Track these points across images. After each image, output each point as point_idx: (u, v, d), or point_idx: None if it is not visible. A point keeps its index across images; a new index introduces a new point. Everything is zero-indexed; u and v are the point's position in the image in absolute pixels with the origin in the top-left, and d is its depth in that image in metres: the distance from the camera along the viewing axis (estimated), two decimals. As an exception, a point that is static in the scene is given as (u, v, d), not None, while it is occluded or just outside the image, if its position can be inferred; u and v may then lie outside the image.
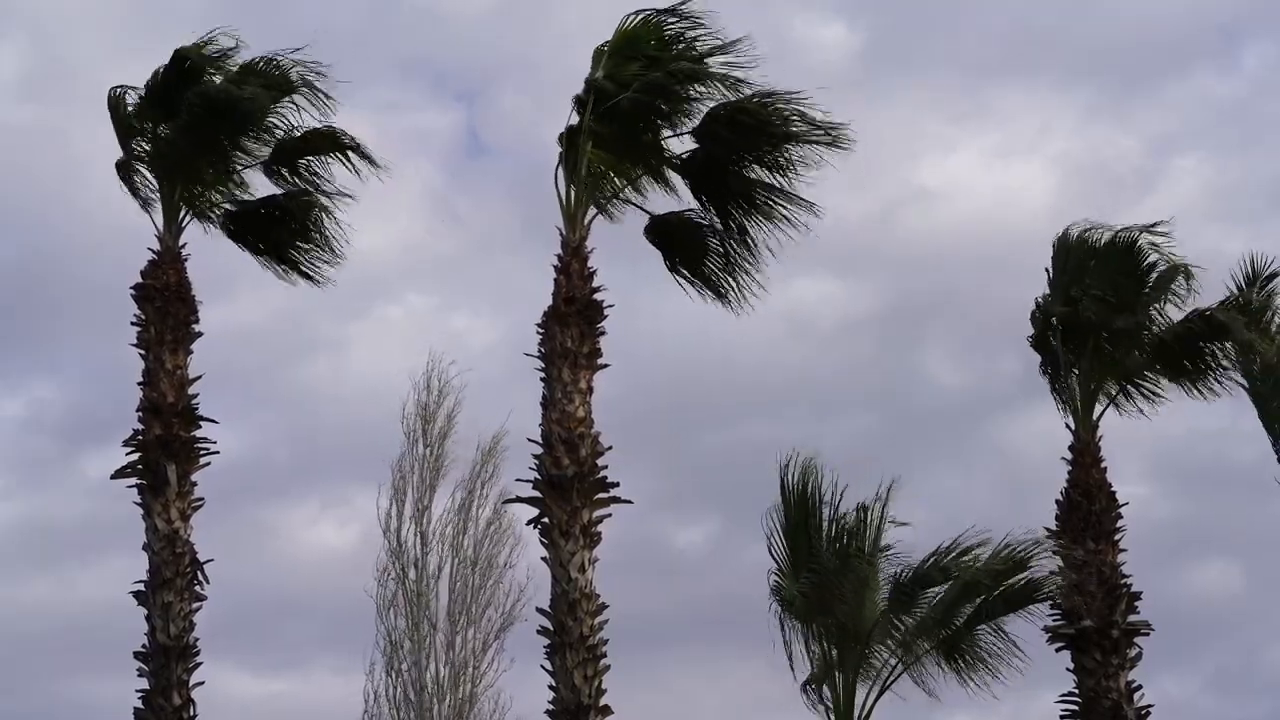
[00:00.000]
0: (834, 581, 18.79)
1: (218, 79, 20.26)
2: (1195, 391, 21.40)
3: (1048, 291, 21.44)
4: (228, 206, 21.17)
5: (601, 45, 19.88)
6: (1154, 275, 21.24)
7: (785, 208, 20.14)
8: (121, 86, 20.44)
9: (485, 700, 30.21)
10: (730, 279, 20.73)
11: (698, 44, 19.71)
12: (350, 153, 20.63)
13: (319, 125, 20.60)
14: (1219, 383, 21.35)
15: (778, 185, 20.12)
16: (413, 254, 43.61)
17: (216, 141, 20.48)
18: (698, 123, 19.91)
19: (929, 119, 46.37)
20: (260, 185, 21.19)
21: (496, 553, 31.14)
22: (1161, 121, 48.08)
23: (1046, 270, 21.51)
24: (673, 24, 19.74)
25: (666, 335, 36.45)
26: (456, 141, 50.00)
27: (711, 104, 19.73)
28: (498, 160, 48.84)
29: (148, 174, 20.56)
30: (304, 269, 21.44)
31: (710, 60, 19.64)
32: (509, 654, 30.46)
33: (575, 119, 19.74)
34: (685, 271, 20.82)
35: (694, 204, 20.54)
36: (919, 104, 46.68)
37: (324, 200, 20.97)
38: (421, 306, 44.16)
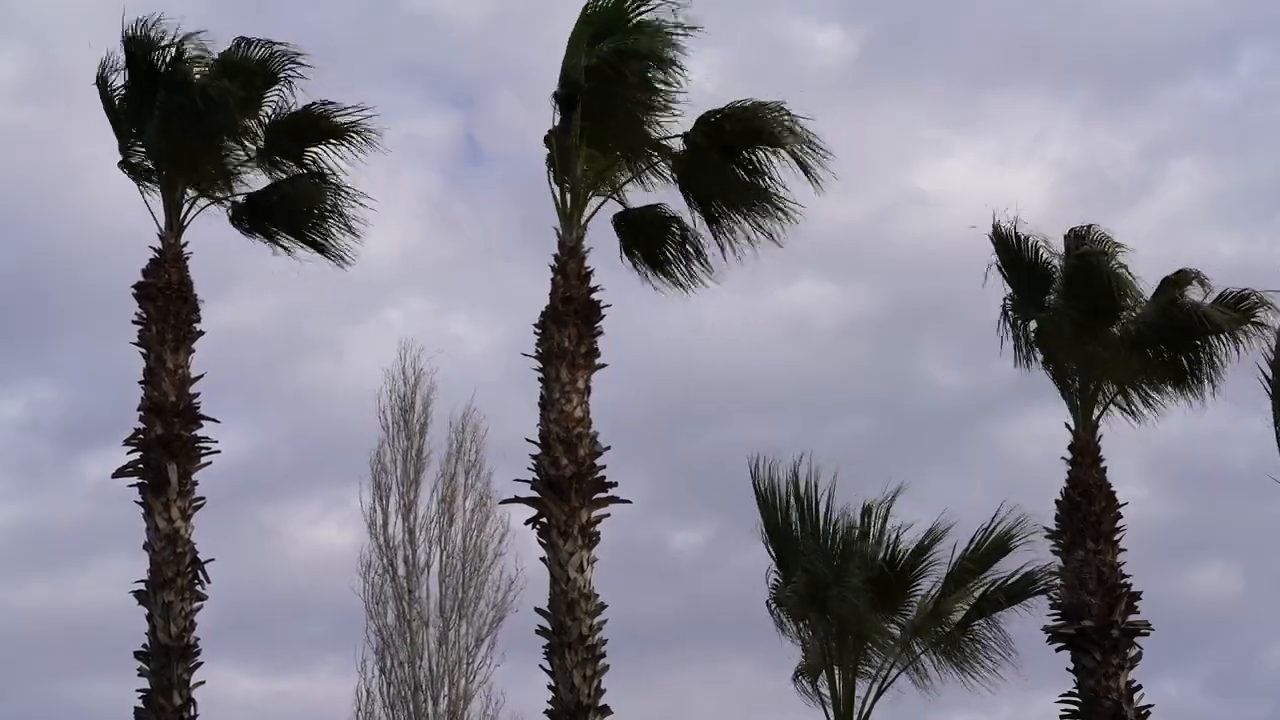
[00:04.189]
0: (832, 580, 18.81)
1: (195, 70, 19.94)
2: (1192, 392, 21.30)
3: (1012, 293, 21.32)
4: (237, 199, 21.03)
5: (575, 33, 19.36)
6: (1121, 279, 21.01)
7: (769, 212, 20.18)
8: (104, 68, 20.12)
9: (480, 697, 30.13)
10: (685, 266, 20.72)
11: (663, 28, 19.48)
12: (347, 136, 20.58)
13: (312, 107, 20.50)
14: (1213, 383, 21.26)
15: (762, 188, 20.13)
16: (411, 258, 43.68)
17: (206, 141, 20.22)
18: (689, 126, 19.88)
19: (925, 123, 46.42)
20: (264, 176, 21.09)
21: (485, 544, 30.83)
22: (1157, 126, 48.14)
23: (1000, 269, 21.37)
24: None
25: (664, 338, 36.46)
26: (455, 147, 50.06)
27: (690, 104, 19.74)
28: (496, 165, 48.91)
29: (151, 170, 20.51)
30: (325, 247, 21.27)
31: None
32: (499, 649, 30.28)
33: (560, 117, 19.65)
34: (639, 254, 20.76)
35: (677, 201, 20.56)
36: (915, 108, 46.75)
37: (333, 178, 20.91)
38: (420, 310, 44.23)
